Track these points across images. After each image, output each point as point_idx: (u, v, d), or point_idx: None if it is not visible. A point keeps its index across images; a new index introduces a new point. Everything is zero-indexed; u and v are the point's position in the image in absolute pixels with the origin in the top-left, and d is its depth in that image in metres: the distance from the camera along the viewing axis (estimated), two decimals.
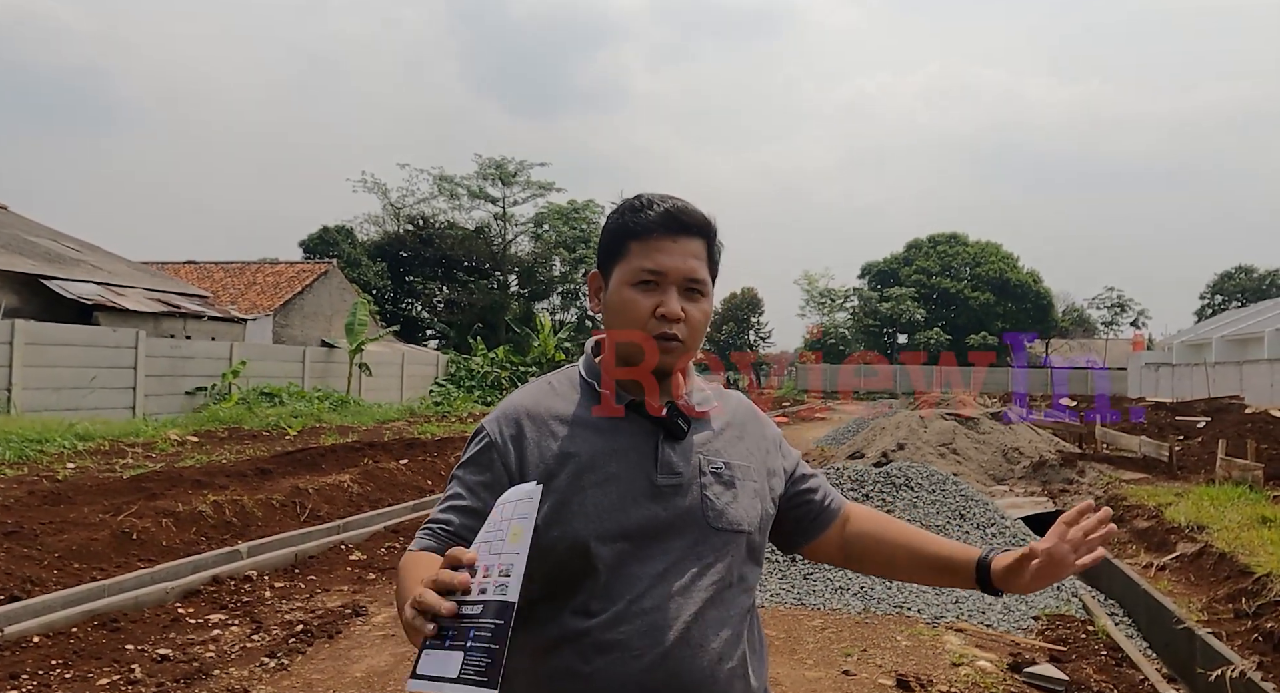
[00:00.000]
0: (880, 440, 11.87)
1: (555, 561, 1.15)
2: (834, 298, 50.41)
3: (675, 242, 1.22)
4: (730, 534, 1.22)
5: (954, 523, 6.07)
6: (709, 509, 1.21)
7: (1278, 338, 28.63)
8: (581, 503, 1.16)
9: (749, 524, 1.25)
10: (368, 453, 10.41)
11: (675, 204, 1.24)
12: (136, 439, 11.10)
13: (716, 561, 1.20)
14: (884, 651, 4.25)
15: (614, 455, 1.19)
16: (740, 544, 1.24)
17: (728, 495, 1.23)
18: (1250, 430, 11.67)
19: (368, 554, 6.49)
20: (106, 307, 16.02)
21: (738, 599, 1.23)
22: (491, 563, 0.95)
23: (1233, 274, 56.76)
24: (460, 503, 1.21)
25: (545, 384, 1.28)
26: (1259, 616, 4.36)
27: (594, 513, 1.15)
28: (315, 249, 37.91)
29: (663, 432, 1.21)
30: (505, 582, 0.93)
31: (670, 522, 1.18)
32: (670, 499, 1.19)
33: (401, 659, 4.22)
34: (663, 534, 1.18)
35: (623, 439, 1.21)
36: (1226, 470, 8.11)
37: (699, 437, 1.25)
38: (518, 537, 0.96)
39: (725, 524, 1.22)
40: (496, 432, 1.22)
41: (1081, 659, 4.21)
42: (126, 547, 5.80)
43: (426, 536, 1.21)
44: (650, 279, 1.20)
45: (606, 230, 1.26)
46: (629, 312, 1.20)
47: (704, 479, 1.22)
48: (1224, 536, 5.72)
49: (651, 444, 1.21)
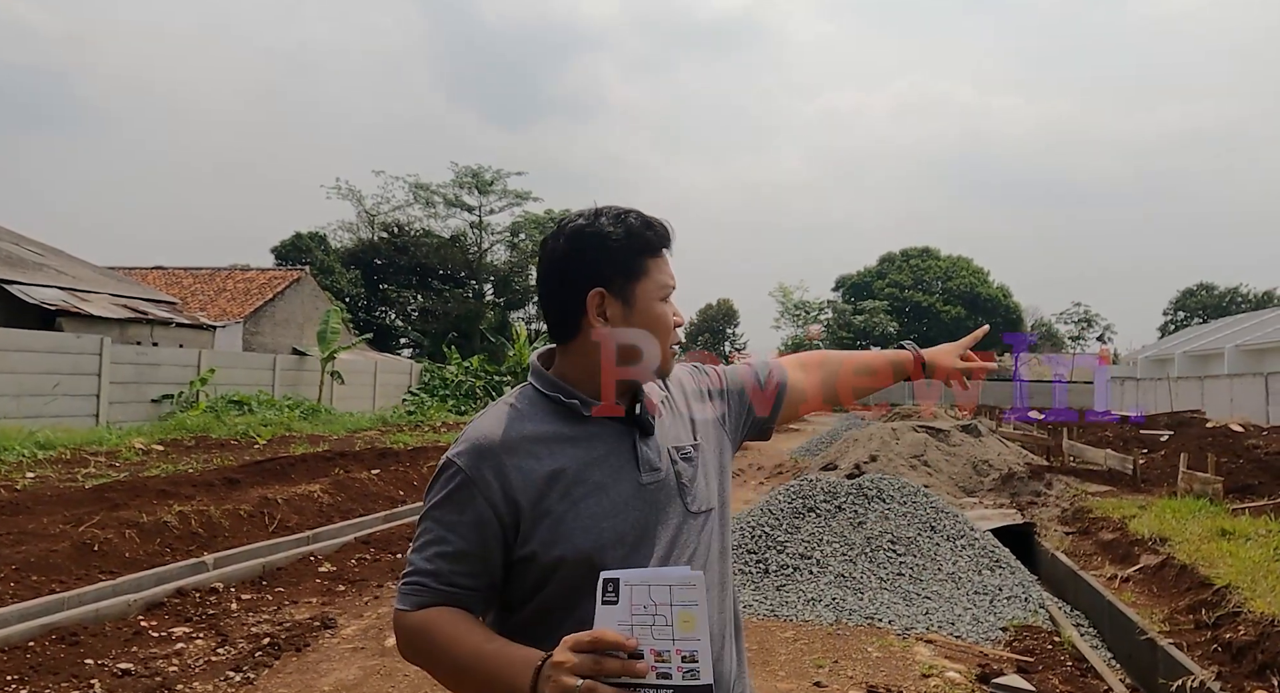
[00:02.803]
0: (853, 452, 11.96)
1: (560, 578, 1.15)
2: (808, 310, 50.85)
3: (663, 256, 1.27)
4: (705, 514, 1.27)
5: (924, 534, 6.13)
6: (686, 495, 1.25)
7: (1237, 354, 29.39)
8: (577, 517, 1.16)
9: (715, 500, 1.30)
10: (339, 463, 10.27)
11: (664, 221, 1.27)
12: (100, 448, 10.85)
13: (699, 541, 1.25)
14: (855, 662, 4.28)
15: (596, 464, 1.19)
16: (714, 517, 1.29)
17: (698, 477, 1.28)
18: (1211, 444, 11.94)
19: (338, 566, 6.40)
20: (70, 312, 15.68)
21: (720, 571, 1.28)
22: (665, 649, 0.97)
23: (1195, 291, 58.22)
24: (445, 548, 1.16)
25: (507, 407, 1.24)
26: (1218, 626, 4.46)
27: (591, 525, 1.15)
28: (288, 256, 37.47)
29: (637, 431, 1.23)
30: (694, 667, 0.97)
31: (658, 517, 1.22)
32: (655, 495, 1.22)
33: (370, 673, 4.16)
34: (653, 530, 1.21)
35: (600, 446, 1.21)
36: (1188, 484, 8.29)
37: (657, 424, 1.28)
38: (690, 623, 0.98)
39: (700, 506, 1.27)
40: (470, 466, 1.16)
41: (1048, 670, 4.27)
42: (87, 558, 5.66)
43: (422, 591, 1.15)
44: (669, 293, 1.26)
45: (613, 248, 1.20)
46: (664, 324, 1.24)
47: (677, 467, 1.26)
48: (1185, 548, 5.84)
49: (628, 445, 1.22)
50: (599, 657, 0.98)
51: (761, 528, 6.24)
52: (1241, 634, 4.18)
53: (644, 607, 0.99)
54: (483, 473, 1.16)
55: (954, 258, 52.13)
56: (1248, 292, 56.11)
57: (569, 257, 1.22)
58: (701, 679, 0.96)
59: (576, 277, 1.21)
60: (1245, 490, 8.69)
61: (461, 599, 1.17)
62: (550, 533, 1.15)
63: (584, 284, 1.20)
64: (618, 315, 1.20)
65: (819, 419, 28.99)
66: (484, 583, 1.18)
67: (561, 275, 1.22)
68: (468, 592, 1.17)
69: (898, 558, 5.84)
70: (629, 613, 0.99)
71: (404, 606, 1.17)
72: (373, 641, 4.68)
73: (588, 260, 1.20)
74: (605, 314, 1.20)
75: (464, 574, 1.16)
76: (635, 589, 1.00)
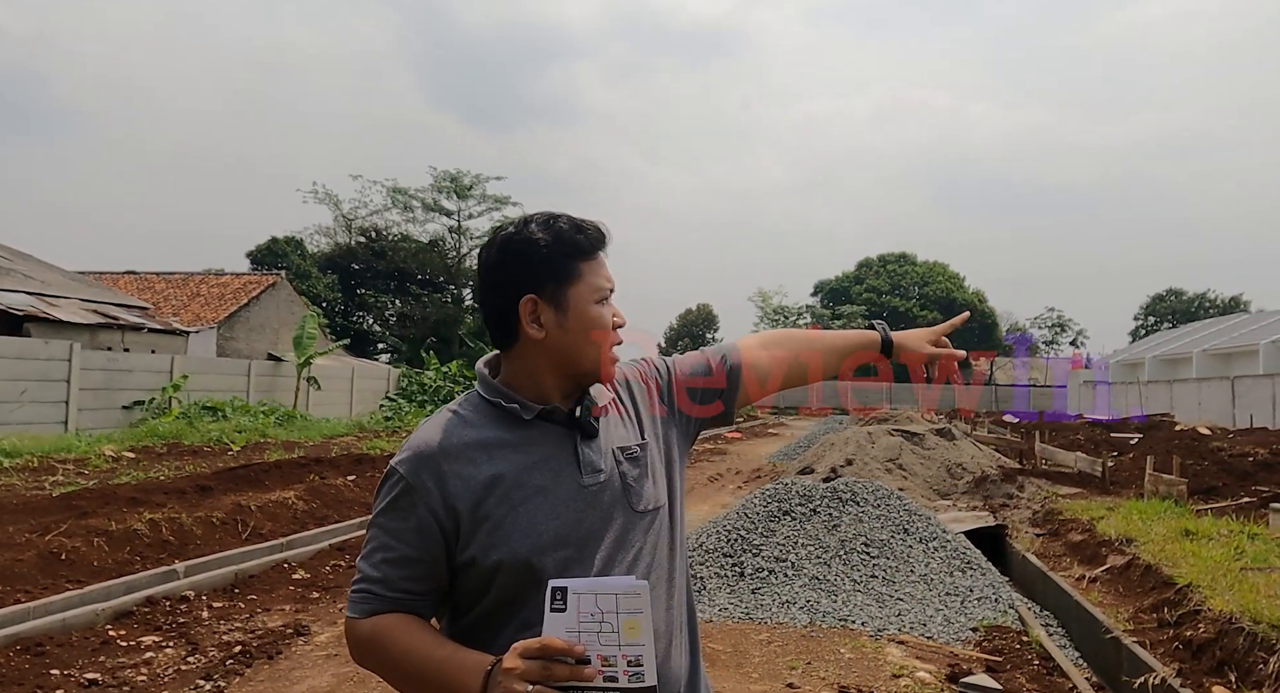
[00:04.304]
0: (830, 456, 12.07)
1: (501, 582, 1.17)
2: (787, 315, 51.18)
3: (600, 257, 1.28)
4: (653, 513, 1.27)
5: (897, 537, 6.20)
6: (632, 495, 1.25)
7: (1205, 358, 30.00)
8: (515, 521, 1.17)
9: (664, 497, 1.29)
10: (314, 469, 10.18)
11: (596, 222, 1.28)
12: (68, 455, 10.68)
13: (646, 540, 1.25)
14: (828, 663, 4.33)
15: (536, 467, 1.21)
16: (663, 515, 1.28)
17: (644, 476, 1.28)
18: (1178, 447, 12.19)
19: (312, 573, 6.35)
20: (39, 317, 15.41)
21: (669, 568, 1.28)
22: (612, 654, 1.03)
23: (1164, 296, 59.36)
24: (391, 554, 1.18)
25: (450, 414, 1.25)
26: (1180, 625, 4.57)
27: (529, 528, 1.17)
28: (263, 261, 37.08)
29: (578, 433, 1.25)
30: (639, 671, 1.02)
31: (602, 518, 1.22)
32: (598, 496, 1.22)
33: (343, 679, 4.14)
34: (597, 532, 1.21)
35: (540, 450, 1.22)
36: (1154, 485, 8.46)
37: (603, 426, 1.28)
38: (635, 630, 1.03)
39: (646, 505, 1.26)
40: (411, 473, 1.19)
41: (1015, 669, 4.35)
42: (54, 567, 5.57)
43: (370, 598, 1.18)
44: (606, 295, 1.26)
45: (542, 254, 1.23)
46: (601, 326, 1.24)
47: (622, 467, 1.26)
48: (1150, 548, 5.96)
49: (569, 448, 1.23)
50: (547, 663, 1.02)
51: (737, 531, 6.28)
52: (1202, 632, 4.29)
53: (591, 615, 1.04)
54: (423, 480, 1.18)
55: (930, 263, 52.76)
56: (1215, 297, 57.32)
57: (499, 266, 1.24)
58: (646, 682, 1.02)
59: (507, 285, 1.23)
60: (1209, 492, 8.89)
61: (410, 604, 1.19)
62: (489, 538, 1.17)
63: (515, 292, 1.22)
64: (551, 320, 1.22)
65: (797, 424, 29.18)
66: (431, 587, 1.21)
67: (494, 284, 1.25)
68: (416, 597, 1.19)
69: (871, 561, 5.91)
70: (576, 620, 1.04)
71: (354, 614, 1.20)
72: (345, 648, 4.65)
73: (518, 268, 1.23)
74: (539, 320, 1.22)
75: (411, 579, 1.18)
76: (583, 598, 1.05)
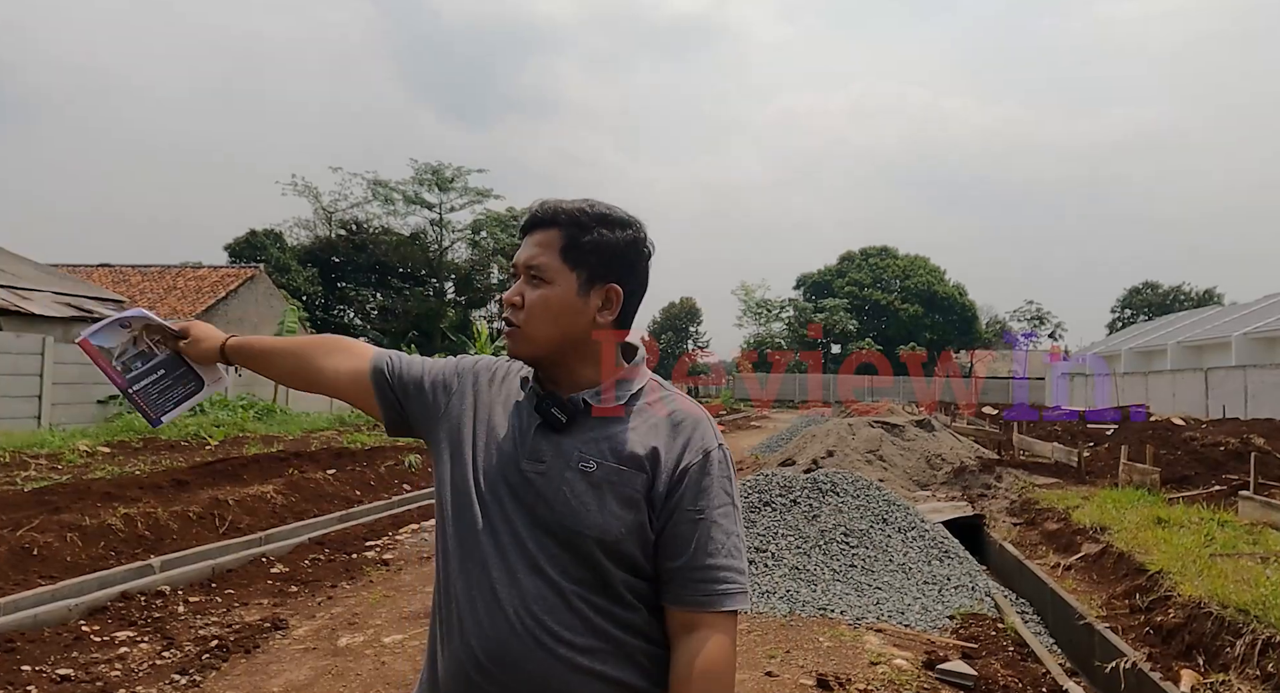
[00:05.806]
0: (811, 448, 12.13)
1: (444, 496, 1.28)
2: (770, 308, 51.36)
3: (530, 236, 1.27)
4: (579, 536, 1.17)
5: (877, 527, 6.26)
6: (560, 504, 1.18)
7: (1179, 350, 30.46)
8: (474, 455, 1.28)
9: (601, 531, 1.16)
10: (293, 463, 10.09)
11: (543, 202, 1.27)
12: (41, 450, 10.50)
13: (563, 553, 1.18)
14: (806, 652, 4.36)
15: (508, 433, 1.27)
16: (590, 547, 1.17)
17: (589, 497, 1.17)
18: (1152, 437, 12.37)
19: (290, 567, 6.30)
20: (10, 311, 15.15)
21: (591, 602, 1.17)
22: None
23: (1140, 289, 60.20)
24: (415, 362, 1.42)
25: (515, 365, 1.38)
26: (1150, 611, 4.65)
27: (483, 466, 1.26)
28: (241, 253, 36.64)
29: (539, 420, 1.24)
30: None
31: (522, 505, 1.20)
32: (531, 484, 1.21)
33: (321, 673, 4.12)
34: (514, 514, 1.21)
35: (515, 420, 1.28)
36: (1128, 475, 8.60)
37: (594, 432, 1.22)
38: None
39: (575, 524, 1.17)
40: (470, 370, 1.39)
41: (991, 656, 4.40)
42: (26, 563, 5.49)
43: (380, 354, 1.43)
44: (513, 275, 1.29)
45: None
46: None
47: (569, 474, 1.19)
48: (1123, 536, 6.06)
49: (527, 430, 1.25)
50: None
51: None
52: (1171, 617, 4.36)
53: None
54: (463, 379, 1.38)
55: (912, 257, 53.12)
56: (1190, 290, 58.24)
57: None
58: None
59: None
60: (1182, 481, 9.04)
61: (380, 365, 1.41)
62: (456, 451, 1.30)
63: None
64: None
65: (779, 417, 29.30)
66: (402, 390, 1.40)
67: None
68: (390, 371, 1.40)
69: (850, 550, 5.96)
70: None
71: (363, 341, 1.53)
72: (325, 641, 4.63)
73: None
74: None
75: (399, 376, 1.39)
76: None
